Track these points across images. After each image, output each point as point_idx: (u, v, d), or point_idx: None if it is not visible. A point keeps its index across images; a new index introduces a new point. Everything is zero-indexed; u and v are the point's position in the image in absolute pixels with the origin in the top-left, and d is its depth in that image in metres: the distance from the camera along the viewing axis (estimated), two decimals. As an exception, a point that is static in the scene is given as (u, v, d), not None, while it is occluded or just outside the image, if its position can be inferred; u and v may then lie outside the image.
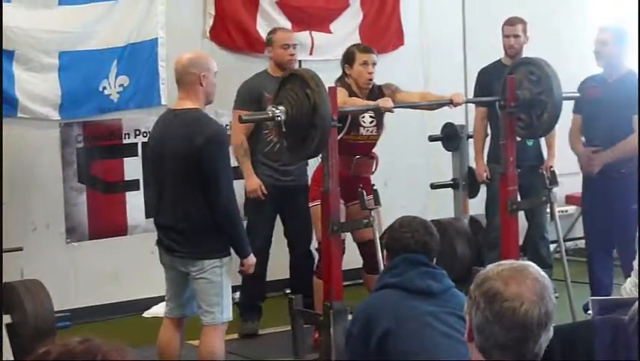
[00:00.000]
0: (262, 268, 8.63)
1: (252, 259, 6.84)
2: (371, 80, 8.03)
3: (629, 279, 6.02)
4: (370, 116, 7.99)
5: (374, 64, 8.03)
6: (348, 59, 8.04)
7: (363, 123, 7.98)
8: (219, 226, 6.67)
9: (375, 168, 8.28)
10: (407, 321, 4.98)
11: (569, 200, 9.77)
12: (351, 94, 7.89)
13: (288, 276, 9.09)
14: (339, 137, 7.63)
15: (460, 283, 6.16)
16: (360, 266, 8.37)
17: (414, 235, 5.28)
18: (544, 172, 8.56)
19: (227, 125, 8.98)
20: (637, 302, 5.34)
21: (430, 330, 4.96)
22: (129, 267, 9.20)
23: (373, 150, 8.20)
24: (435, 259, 5.30)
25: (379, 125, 8.12)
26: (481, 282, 3.16)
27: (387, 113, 7.86)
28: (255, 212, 8.73)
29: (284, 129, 7.18)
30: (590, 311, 5.99)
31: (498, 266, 3.21)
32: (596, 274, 8.62)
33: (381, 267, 7.33)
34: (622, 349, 5.06)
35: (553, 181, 8.28)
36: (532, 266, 3.20)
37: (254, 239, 8.38)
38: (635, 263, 6.13)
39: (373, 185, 7.81)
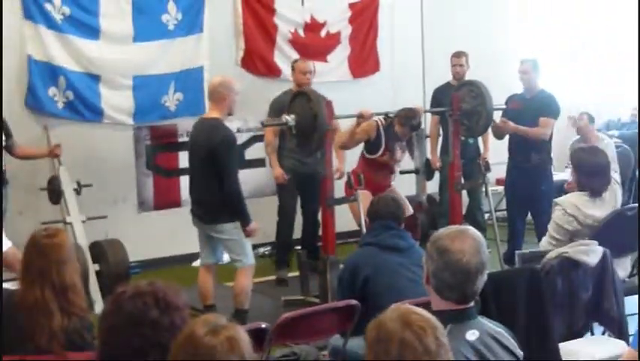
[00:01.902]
0: (289, 232, 8.71)
1: (253, 225, 6.80)
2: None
3: (544, 238, 6.01)
4: (401, 149, 7.99)
5: (409, 135, 8.05)
6: (400, 120, 7.84)
7: (394, 152, 7.94)
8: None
9: (394, 178, 8.26)
10: (382, 269, 5.00)
11: (499, 182, 9.73)
12: (392, 131, 7.86)
13: (297, 237, 9.00)
14: (373, 156, 7.86)
15: (421, 242, 6.19)
16: (350, 230, 8.36)
17: (386, 207, 5.29)
18: (481, 162, 8.59)
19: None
20: (548, 255, 5.39)
21: (399, 276, 4.99)
22: (182, 230, 9.06)
23: (395, 168, 8.15)
24: (402, 224, 5.31)
25: (409, 152, 8.25)
26: (434, 240, 3.19)
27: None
28: (283, 192, 8.65)
29: (294, 132, 7.22)
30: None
31: (447, 229, 3.24)
32: (514, 232, 8.65)
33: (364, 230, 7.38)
34: (536, 289, 5.08)
35: (487, 168, 8.33)
36: (471, 229, 3.23)
37: (284, 211, 8.63)
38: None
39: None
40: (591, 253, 5.25)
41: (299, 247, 8.94)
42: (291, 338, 4.60)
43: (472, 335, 3.11)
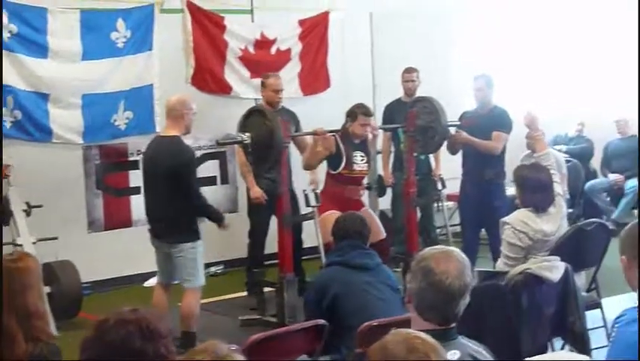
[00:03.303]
0: (261, 253, 8.55)
1: (225, 221, 7.04)
2: (365, 135, 7.72)
3: (499, 259, 6.01)
4: (361, 156, 7.70)
5: (369, 124, 7.75)
6: (351, 115, 7.66)
7: (355, 161, 7.67)
8: (190, 218, 6.75)
9: (362, 193, 8.08)
10: (351, 289, 4.96)
11: (450, 197, 9.72)
12: (347, 139, 7.62)
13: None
14: (337, 171, 7.60)
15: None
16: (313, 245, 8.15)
17: (353, 226, 5.26)
18: (436, 178, 8.59)
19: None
20: (511, 271, 5.38)
21: (367, 295, 4.95)
22: (133, 249, 9.02)
23: (362, 181, 7.91)
24: (367, 243, 5.27)
25: (369, 162, 7.90)
26: (419, 260, 3.17)
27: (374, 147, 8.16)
28: (256, 213, 8.45)
29: (249, 149, 7.16)
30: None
31: (432, 250, 3.22)
32: (468, 247, 8.57)
33: (321, 248, 7.34)
34: (501, 305, 5.07)
35: (443, 185, 8.34)
36: (457, 251, 3.21)
37: (257, 232, 8.49)
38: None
39: (314, 189, 7.72)
40: (554, 268, 5.25)
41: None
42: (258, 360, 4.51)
43: (453, 355, 3.07)
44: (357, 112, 7.66)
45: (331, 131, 7.67)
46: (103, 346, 2.56)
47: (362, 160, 7.72)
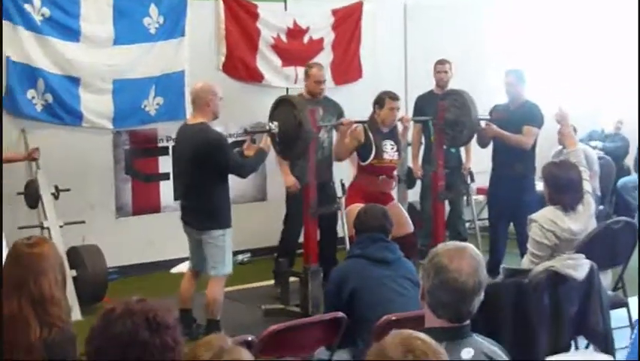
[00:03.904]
0: (294, 244, 8.45)
1: (266, 147, 7.01)
2: (395, 120, 7.72)
3: (525, 256, 5.95)
4: (391, 145, 7.66)
5: (398, 109, 7.74)
6: (379, 102, 7.64)
7: (385, 150, 7.63)
8: (221, 205, 6.77)
9: (395, 185, 8.07)
10: (370, 282, 4.93)
11: (479, 191, 9.65)
12: (376, 128, 7.60)
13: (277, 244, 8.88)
14: (367, 162, 7.53)
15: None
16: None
17: (374, 219, 5.22)
18: (465, 172, 8.53)
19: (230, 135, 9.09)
20: (535, 269, 5.32)
21: (386, 289, 4.91)
22: (161, 236, 9.08)
23: (394, 172, 7.84)
24: (390, 236, 5.23)
25: (399, 151, 7.84)
26: (432, 257, 3.12)
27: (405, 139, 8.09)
28: (292, 201, 8.30)
29: (277, 139, 7.14)
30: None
31: (445, 246, 3.17)
32: (495, 242, 8.53)
33: (347, 240, 7.32)
34: (523, 303, 5.02)
35: (472, 179, 8.29)
36: (470, 247, 3.15)
37: (292, 221, 8.36)
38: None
39: (342, 180, 7.67)
40: (579, 267, 5.17)
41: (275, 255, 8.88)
42: (276, 351, 4.49)
43: (467, 354, 3.04)
44: (384, 97, 7.64)
45: (359, 122, 7.64)
46: (109, 336, 2.54)
47: (392, 149, 7.67)
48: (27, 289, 3.73)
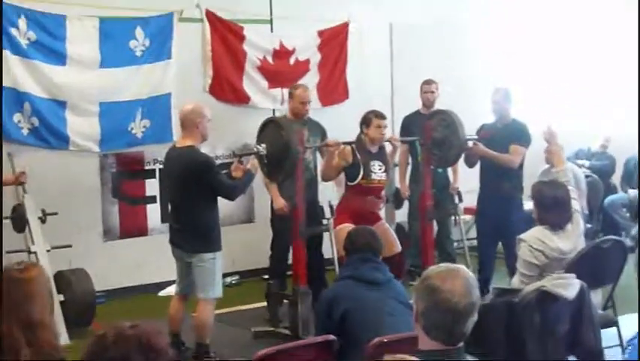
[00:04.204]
0: (283, 266, 8.44)
1: (252, 167, 6.95)
2: (383, 138, 7.72)
3: (514, 276, 5.95)
4: (379, 165, 7.65)
5: (385, 127, 7.74)
6: (365, 122, 7.64)
7: (373, 170, 7.62)
8: (211, 228, 6.74)
9: (383, 206, 8.09)
10: (361, 304, 4.91)
11: (466, 211, 9.65)
12: (363, 148, 7.60)
13: (265, 265, 8.87)
14: (355, 182, 7.53)
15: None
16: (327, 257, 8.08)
17: (364, 239, 5.21)
18: (453, 192, 8.54)
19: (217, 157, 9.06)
20: (525, 288, 5.32)
21: (378, 311, 4.90)
22: (148, 259, 9.06)
23: (382, 193, 7.84)
24: (380, 257, 5.23)
25: (387, 172, 7.81)
26: (424, 279, 3.11)
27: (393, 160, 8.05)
28: (279, 224, 8.30)
29: (265, 160, 7.14)
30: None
31: (437, 268, 3.16)
32: (484, 261, 8.53)
33: (335, 260, 7.30)
34: (514, 323, 5.01)
35: (460, 198, 8.29)
36: (463, 268, 3.14)
37: (279, 244, 8.37)
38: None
39: (330, 201, 7.66)
40: (569, 286, 5.17)
41: (266, 276, 8.85)
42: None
43: (461, 376, 3.02)
44: (371, 117, 7.65)
45: (347, 143, 7.63)
46: (102, 363, 2.52)
47: (380, 169, 7.66)
48: (17, 313, 3.71)
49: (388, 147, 7.91)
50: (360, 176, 7.55)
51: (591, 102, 11.85)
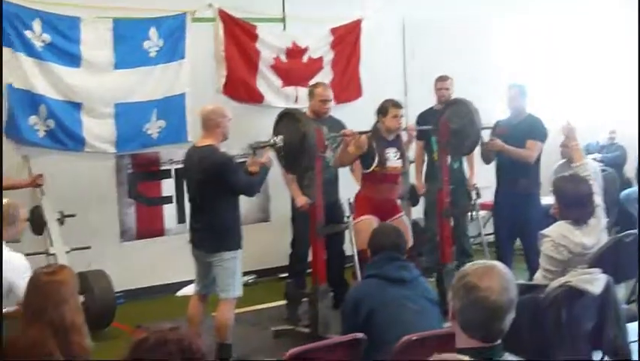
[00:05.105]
0: (303, 265, 8.30)
1: (267, 161, 6.93)
2: (400, 127, 7.75)
3: (538, 272, 5.91)
4: (394, 152, 7.66)
5: (402, 116, 7.76)
6: (382, 111, 7.66)
7: (388, 158, 7.62)
8: (231, 227, 6.71)
9: (401, 192, 8.08)
10: (387, 302, 4.88)
11: (483, 206, 9.60)
12: (379, 137, 7.62)
13: (282, 264, 8.85)
14: (370, 170, 7.52)
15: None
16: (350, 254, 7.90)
17: (388, 238, 5.18)
18: (470, 188, 8.50)
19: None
20: (550, 284, 5.28)
21: (405, 309, 4.87)
22: (165, 259, 9.05)
23: (398, 179, 7.85)
24: (406, 254, 5.20)
25: (403, 159, 7.80)
26: (461, 277, 3.08)
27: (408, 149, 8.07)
28: (299, 222, 8.19)
29: (282, 153, 7.10)
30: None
31: (473, 265, 3.12)
32: (502, 257, 8.45)
33: (355, 256, 7.27)
34: (539, 320, 4.98)
35: (478, 195, 8.26)
36: (500, 265, 3.11)
37: (299, 244, 8.30)
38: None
39: (349, 199, 7.61)
40: (595, 281, 5.13)
41: (284, 275, 8.82)
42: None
43: (500, 374, 2.99)
44: (387, 105, 7.66)
45: (363, 132, 7.62)
46: (143, 367, 2.49)
47: (395, 157, 7.67)
48: (48, 317, 3.70)
49: (405, 137, 7.92)
50: (375, 163, 7.56)
51: (596, 95, 11.79)
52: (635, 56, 11.17)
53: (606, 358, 5.45)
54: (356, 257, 7.26)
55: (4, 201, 5.85)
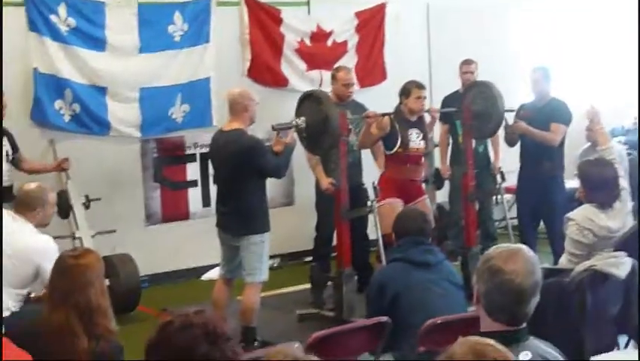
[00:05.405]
0: (328, 248, 8.28)
1: (291, 141, 6.90)
2: (423, 109, 7.76)
3: (563, 255, 5.88)
4: (417, 133, 7.68)
5: (425, 97, 7.77)
6: (405, 92, 7.68)
7: (411, 139, 7.64)
8: (259, 210, 6.71)
9: (425, 173, 8.09)
10: (412, 286, 4.88)
11: (508, 190, 9.55)
12: (402, 118, 7.63)
13: (307, 248, 8.87)
14: (393, 151, 7.53)
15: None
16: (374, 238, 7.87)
17: (414, 222, 5.17)
18: (496, 172, 8.48)
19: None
20: (576, 268, 5.26)
21: (429, 293, 4.87)
22: (190, 243, 9.06)
23: (421, 160, 7.89)
24: (430, 238, 5.20)
25: (426, 140, 7.82)
26: (485, 260, 3.07)
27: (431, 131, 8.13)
28: (324, 206, 8.12)
29: (304, 134, 7.09)
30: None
31: (497, 249, 3.12)
32: (526, 241, 8.40)
33: (380, 239, 7.25)
34: (565, 303, 4.96)
35: (503, 178, 8.25)
36: (524, 248, 3.10)
37: (323, 227, 8.29)
38: None
39: (373, 182, 7.59)
40: (620, 265, 5.12)
41: (307, 259, 8.83)
42: (321, 357, 4.44)
43: (525, 356, 2.98)
44: (410, 87, 7.67)
45: (385, 114, 7.60)
46: (168, 350, 2.50)
47: (418, 137, 7.68)
48: (74, 300, 3.73)
49: (428, 118, 7.92)
50: (398, 144, 7.57)
51: (620, 79, 11.68)
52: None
53: (632, 342, 5.44)
54: (380, 241, 7.25)
55: (34, 185, 5.88)
